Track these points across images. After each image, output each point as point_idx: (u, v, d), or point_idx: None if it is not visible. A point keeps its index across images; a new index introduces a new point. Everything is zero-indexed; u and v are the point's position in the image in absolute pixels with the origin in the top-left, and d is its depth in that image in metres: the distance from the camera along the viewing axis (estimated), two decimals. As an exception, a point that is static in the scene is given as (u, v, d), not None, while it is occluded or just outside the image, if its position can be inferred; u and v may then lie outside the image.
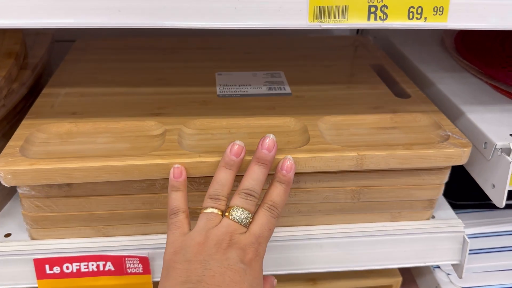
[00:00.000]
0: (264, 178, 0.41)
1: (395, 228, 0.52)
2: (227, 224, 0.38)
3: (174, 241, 0.39)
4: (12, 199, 0.54)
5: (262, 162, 0.41)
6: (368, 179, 0.48)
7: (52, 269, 0.48)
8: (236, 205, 0.39)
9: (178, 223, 0.40)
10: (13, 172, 0.41)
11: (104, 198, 0.46)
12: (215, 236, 0.38)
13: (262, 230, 0.39)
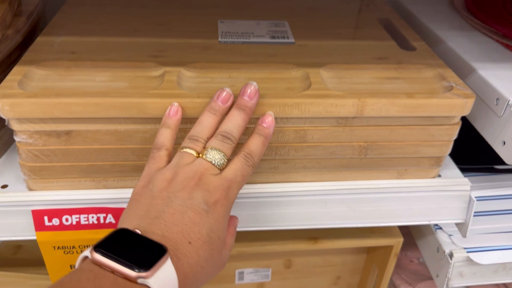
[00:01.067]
0: (243, 123, 0.40)
1: (401, 185, 0.51)
2: (199, 163, 0.37)
3: (147, 175, 0.38)
4: (8, 151, 0.52)
5: (242, 108, 0.40)
6: (376, 134, 0.47)
7: (51, 221, 0.46)
8: (211, 146, 0.38)
9: (157, 158, 0.39)
10: (11, 103, 0.39)
11: (105, 149, 0.44)
12: (184, 173, 0.36)
13: (235, 175, 0.38)
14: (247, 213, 0.49)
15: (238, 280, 0.74)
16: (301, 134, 0.46)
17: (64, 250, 0.49)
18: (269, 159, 0.47)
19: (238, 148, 0.40)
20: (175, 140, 0.41)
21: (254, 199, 0.49)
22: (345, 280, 0.78)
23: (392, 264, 0.66)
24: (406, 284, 0.76)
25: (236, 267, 0.72)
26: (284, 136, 0.46)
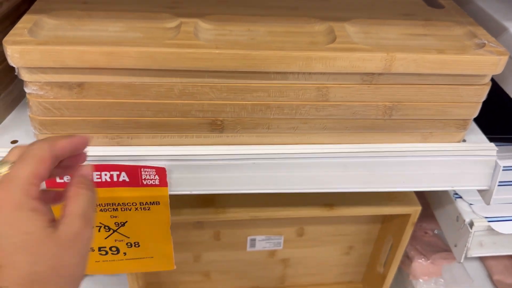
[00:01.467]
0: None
1: (425, 149, 0.49)
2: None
3: None
4: (18, 107, 0.50)
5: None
6: (403, 93, 0.45)
7: (62, 178, 0.45)
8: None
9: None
10: (21, 51, 0.37)
11: (119, 103, 0.42)
12: None
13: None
14: (263, 175, 0.48)
15: (249, 247, 0.73)
16: (323, 92, 0.43)
17: None
18: (288, 118, 0.45)
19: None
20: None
21: (271, 160, 0.47)
22: (357, 250, 0.77)
23: (408, 234, 0.64)
24: (420, 255, 0.75)
25: (248, 234, 0.71)
26: (305, 94, 0.44)
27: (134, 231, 0.51)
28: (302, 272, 0.79)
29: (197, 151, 0.46)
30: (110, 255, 0.54)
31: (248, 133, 0.46)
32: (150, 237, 0.52)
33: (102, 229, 0.51)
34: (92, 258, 0.53)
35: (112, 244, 0.53)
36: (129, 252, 0.54)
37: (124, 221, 0.50)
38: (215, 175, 0.47)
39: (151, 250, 0.54)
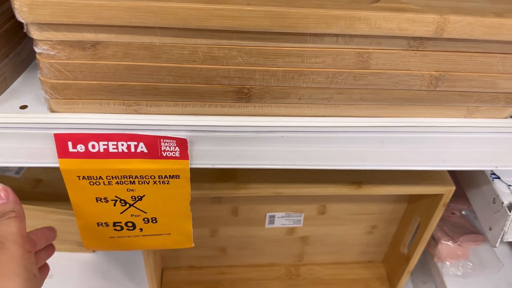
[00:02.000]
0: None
1: (470, 124, 0.44)
2: None
3: None
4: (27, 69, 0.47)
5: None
6: (452, 61, 0.40)
7: (75, 147, 0.41)
8: None
9: None
10: (30, 4, 0.33)
11: (137, 66, 0.38)
12: None
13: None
14: (292, 149, 0.44)
15: (268, 224, 0.70)
16: (364, 57, 0.39)
17: (89, 181, 0.45)
18: (322, 87, 0.41)
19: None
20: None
21: (301, 133, 0.43)
22: (380, 229, 0.73)
23: (438, 215, 0.61)
24: (447, 237, 0.71)
25: (267, 210, 0.68)
26: (344, 60, 0.39)
27: (151, 206, 0.48)
28: (321, 250, 0.77)
29: (221, 122, 0.42)
30: (126, 231, 0.51)
31: (277, 104, 0.42)
32: (168, 213, 0.49)
33: (117, 203, 0.47)
34: (106, 233, 0.50)
35: (127, 219, 0.49)
36: (145, 228, 0.51)
37: (141, 195, 0.47)
38: (239, 148, 0.44)
39: (169, 227, 0.51)
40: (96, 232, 0.50)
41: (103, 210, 0.48)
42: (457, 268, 0.70)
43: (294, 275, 0.77)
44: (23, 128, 0.40)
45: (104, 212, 0.48)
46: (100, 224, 0.49)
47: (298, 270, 0.78)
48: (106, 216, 0.49)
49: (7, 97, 0.43)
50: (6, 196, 0.40)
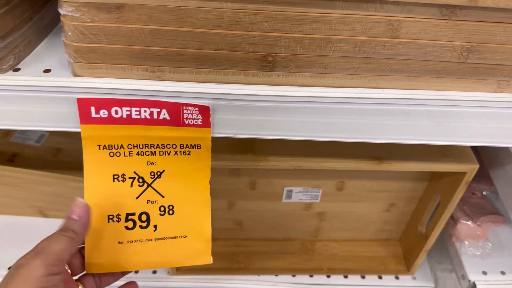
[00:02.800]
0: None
1: (500, 99, 0.43)
2: None
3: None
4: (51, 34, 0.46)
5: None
6: (485, 32, 0.39)
7: (98, 112, 0.41)
8: None
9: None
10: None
11: (161, 30, 0.38)
12: None
13: None
14: (316, 121, 0.43)
15: (285, 198, 0.70)
16: (394, 26, 0.38)
17: (110, 152, 0.44)
18: (349, 57, 0.40)
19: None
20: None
21: (326, 104, 0.42)
22: (399, 208, 0.73)
23: (460, 193, 0.60)
24: (466, 217, 0.70)
25: (285, 185, 0.68)
26: (373, 28, 0.38)
27: (170, 187, 0.45)
28: (337, 226, 0.76)
29: (244, 91, 0.41)
30: (138, 230, 0.45)
31: (301, 73, 0.41)
32: (186, 198, 0.46)
33: (135, 183, 0.45)
34: (115, 235, 0.45)
35: (143, 208, 0.45)
36: (160, 224, 0.46)
37: (161, 170, 0.45)
38: (262, 118, 0.43)
39: (186, 223, 0.46)
40: (104, 233, 0.45)
41: (118, 193, 0.44)
42: (476, 248, 0.69)
43: (309, 250, 0.77)
44: (47, 92, 0.40)
45: (118, 197, 0.45)
46: (111, 218, 0.45)
47: (314, 246, 0.78)
48: (120, 202, 0.45)
49: (30, 60, 0.43)
50: (80, 215, 0.41)
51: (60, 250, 0.38)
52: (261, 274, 0.73)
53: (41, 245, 0.38)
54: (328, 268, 0.75)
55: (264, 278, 0.73)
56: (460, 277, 0.70)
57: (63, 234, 0.39)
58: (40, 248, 0.38)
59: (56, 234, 0.39)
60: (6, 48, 0.40)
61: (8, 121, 0.42)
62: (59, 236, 0.39)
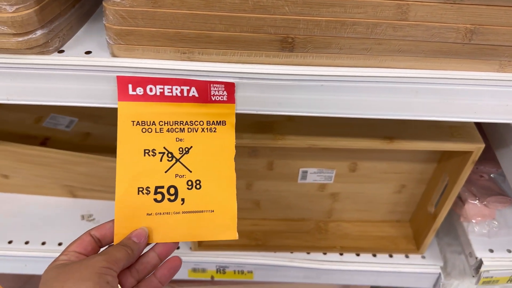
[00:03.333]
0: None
1: (502, 78, 0.46)
2: None
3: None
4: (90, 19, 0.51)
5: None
6: (487, 15, 0.42)
7: (134, 90, 0.46)
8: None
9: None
10: None
11: (192, 14, 0.42)
12: None
13: None
14: (331, 98, 0.47)
15: (300, 179, 0.74)
16: (403, 9, 0.42)
17: (142, 128, 0.47)
18: (362, 38, 0.44)
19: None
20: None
21: (340, 83, 0.46)
22: (409, 189, 0.76)
23: (467, 173, 0.63)
24: (474, 197, 0.73)
25: (300, 166, 0.72)
26: (384, 11, 0.42)
27: (197, 163, 0.48)
28: (350, 207, 0.80)
29: (265, 70, 0.45)
30: (166, 203, 0.48)
31: (318, 53, 0.45)
32: (213, 173, 0.49)
33: (164, 158, 0.48)
34: (144, 207, 0.48)
35: (171, 181, 0.48)
36: (188, 198, 0.48)
37: (189, 147, 0.48)
38: (281, 96, 0.47)
39: (212, 198, 0.49)
40: (134, 205, 0.47)
41: (149, 166, 0.47)
42: (483, 227, 0.72)
43: (323, 230, 0.81)
44: (88, 71, 0.45)
45: (148, 170, 0.47)
46: (141, 191, 0.47)
47: (327, 226, 0.82)
48: (150, 175, 0.48)
49: (73, 43, 0.48)
50: (139, 239, 0.46)
51: (119, 257, 0.43)
52: (278, 251, 0.78)
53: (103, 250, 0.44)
54: (341, 246, 0.79)
55: (280, 254, 0.77)
56: (468, 255, 0.73)
57: (123, 247, 0.45)
58: (103, 251, 0.44)
59: (118, 245, 0.45)
60: (53, 32, 0.45)
61: (53, 97, 0.47)
62: (119, 247, 0.45)
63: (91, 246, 0.45)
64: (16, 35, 0.42)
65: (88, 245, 0.45)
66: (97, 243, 0.46)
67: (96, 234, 0.46)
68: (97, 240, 0.46)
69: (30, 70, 0.45)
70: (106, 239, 0.47)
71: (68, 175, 0.76)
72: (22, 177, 0.79)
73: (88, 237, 0.46)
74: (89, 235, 0.46)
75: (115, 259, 0.43)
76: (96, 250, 0.46)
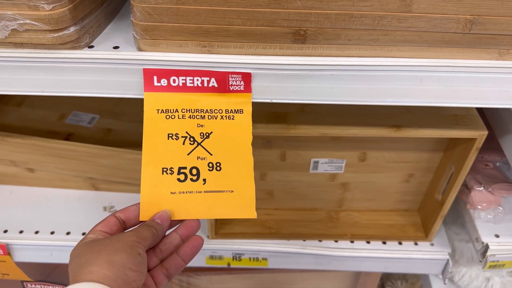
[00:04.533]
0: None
1: (501, 66, 0.50)
2: None
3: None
4: (116, 18, 0.55)
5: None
6: (485, 6, 0.46)
7: (159, 81, 0.50)
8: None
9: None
10: None
11: (213, 10, 0.46)
12: None
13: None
14: (341, 86, 0.51)
15: (312, 169, 0.77)
16: (407, 2, 0.45)
17: (166, 115, 0.51)
18: (369, 29, 0.47)
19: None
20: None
21: (349, 72, 0.50)
22: (417, 178, 0.79)
23: (471, 159, 0.66)
24: (479, 185, 0.76)
25: (312, 156, 0.75)
26: (389, 4, 0.45)
27: (217, 146, 0.52)
28: (360, 197, 0.83)
29: (279, 61, 0.49)
30: (189, 182, 0.51)
31: (328, 45, 0.49)
32: (232, 157, 0.52)
33: (186, 141, 0.51)
34: (168, 186, 0.51)
35: (193, 163, 0.51)
36: (209, 178, 0.52)
37: (209, 132, 0.52)
38: (295, 85, 0.51)
39: (232, 179, 0.52)
40: (158, 184, 0.51)
41: (172, 148, 0.51)
42: (488, 213, 0.75)
43: (334, 219, 0.84)
44: (117, 64, 0.49)
45: (172, 152, 0.51)
46: (165, 171, 0.51)
47: (338, 215, 0.85)
48: (173, 157, 0.51)
49: (101, 39, 0.52)
50: (162, 221, 0.50)
51: (146, 235, 0.47)
52: (291, 238, 0.81)
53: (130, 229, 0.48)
54: (352, 234, 0.82)
55: (293, 242, 0.80)
56: (474, 240, 0.76)
57: (149, 227, 0.48)
58: (130, 230, 0.48)
59: (144, 225, 0.49)
60: (84, 28, 0.49)
61: (84, 89, 0.51)
62: (145, 226, 0.48)
63: (116, 226, 0.49)
64: (52, 31, 0.46)
65: (113, 225, 0.49)
66: (122, 225, 0.50)
67: (121, 216, 0.50)
68: (121, 222, 0.50)
69: (63, 64, 0.49)
70: (130, 221, 0.50)
71: (91, 168, 0.80)
72: (47, 171, 0.84)
73: (113, 219, 0.49)
74: (114, 217, 0.49)
75: (143, 236, 0.46)
76: (121, 231, 0.49)
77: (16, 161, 0.82)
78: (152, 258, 0.49)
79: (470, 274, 0.84)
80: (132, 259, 0.43)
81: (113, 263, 0.41)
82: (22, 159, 0.82)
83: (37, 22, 0.45)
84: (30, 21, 0.45)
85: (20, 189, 0.88)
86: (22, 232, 0.80)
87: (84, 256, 0.43)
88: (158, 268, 0.49)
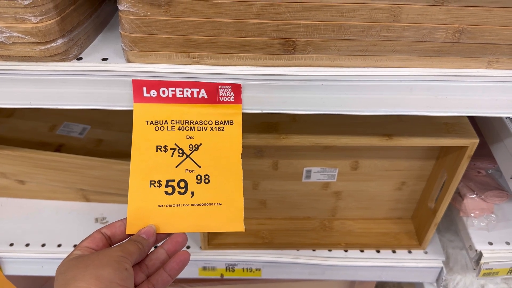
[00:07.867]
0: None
1: (490, 74, 0.50)
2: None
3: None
4: (105, 30, 0.55)
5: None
6: (473, 16, 0.46)
7: (149, 92, 0.49)
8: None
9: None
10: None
11: (202, 22, 0.46)
12: None
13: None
14: (331, 96, 0.51)
15: (305, 178, 0.77)
16: (395, 12, 0.45)
17: (155, 126, 0.51)
18: (358, 39, 0.47)
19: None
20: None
21: (339, 82, 0.50)
22: (409, 186, 0.79)
23: (463, 167, 0.66)
24: (472, 192, 0.76)
25: (304, 165, 0.75)
26: (378, 14, 0.45)
27: (206, 158, 0.51)
28: (353, 205, 0.83)
29: (269, 71, 0.49)
30: (176, 195, 0.51)
31: (318, 55, 0.49)
32: (221, 169, 0.52)
33: (175, 154, 0.51)
34: (155, 199, 0.50)
35: (182, 175, 0.51)
36: (197, 191, 0.51)
37: (198, 144, 0.51)
38: (285, 95, 0.51)
39: (220, 192, 0.51)
40: (146, 197, 0.50)
41: (160, 161, 0.50)
42: (481, 221, 0.75)
43: (327, 228, 0.84)
44: (106, 76, 0.49)
45: (160, 165, 0.50)
46: (153, 184, 0.50)
47: (332, 224, 0.85)
48: (161, 169, 0.50)
49: (90, 51, 0.51)
50: (148, 236, 0.49)
51: (132, 250, 0.46)
52: (284, 248, 0.80)
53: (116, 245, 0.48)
54: (346, 243, 0.82)
55: (287, 252, 0.80)
56: (468, 248, 0.76)
57: (135, 242, 0.48)
58: (117, 245, 0.47)
59: (129, 240, 0.48)
60: (72, 41, 0.49)
61: (73, 101, 0.51)
62: (131, 241, 0.48)
63: (102, 242, 0.48)
64: (39, 43, 0.46)
65: (99, 241, 0.48)
66: (108, 241, 0.49)
67: (106, 232, 0.49)
68: (107, 238, 0.49)
69: (51, 76, 0.49)
70: (116, 237, 0.50)
71: (82, 179, 0.80)
72: (37, 183, 0.83)
73: (99, 234, 0.49)
74: (100, 233, 0.49)
75: (129, 251, 0.46)
76: (107, 246, 0.49)
77: (7, 173, 0.81)
78: (139, 273, 0.49)
79: (464, 281, 0.84)
80: (119, 274, 0.42)
81: (100, 278, 0.41)
82: (12, 171, 0.81)
83: (24, 35, 0.45)
84: (17, 33, 0.45)
85: (10, 201, 0.87)
86: (12, 245, 0.79)
87: (71, 272, 0.43)
88: (144, 284, 0.48)
